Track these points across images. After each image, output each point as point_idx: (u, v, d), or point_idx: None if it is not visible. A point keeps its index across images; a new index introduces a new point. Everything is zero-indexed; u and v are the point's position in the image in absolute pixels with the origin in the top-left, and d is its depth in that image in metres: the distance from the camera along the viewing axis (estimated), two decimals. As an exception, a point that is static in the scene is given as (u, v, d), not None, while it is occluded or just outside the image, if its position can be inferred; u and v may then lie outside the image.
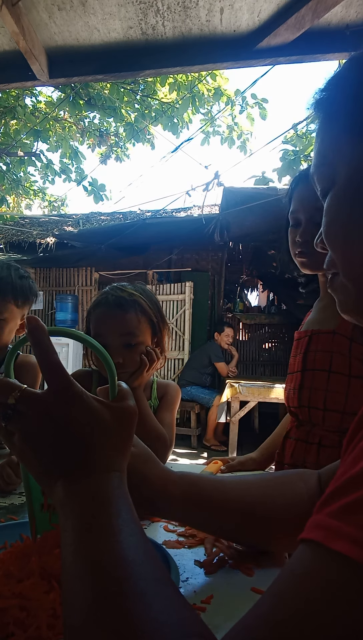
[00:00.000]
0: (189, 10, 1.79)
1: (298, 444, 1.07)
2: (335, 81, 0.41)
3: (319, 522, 0.27)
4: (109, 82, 5.88)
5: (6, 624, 0.43)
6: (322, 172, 0.42)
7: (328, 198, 0.41)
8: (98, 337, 1.06)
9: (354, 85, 0.38)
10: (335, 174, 0.40)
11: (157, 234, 5.62)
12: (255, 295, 7.66)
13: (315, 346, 1.06)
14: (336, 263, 0.41)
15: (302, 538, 0.28)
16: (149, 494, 0.57)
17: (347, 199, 0.39)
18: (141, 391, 1.10)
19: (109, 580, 0.33)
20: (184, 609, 0.32)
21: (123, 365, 1.05)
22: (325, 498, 0.28)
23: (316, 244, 0.44)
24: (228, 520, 0.60)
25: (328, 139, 0.41)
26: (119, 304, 1.07)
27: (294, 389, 1.08)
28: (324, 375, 1.02)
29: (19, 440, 0.42)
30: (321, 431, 1.03)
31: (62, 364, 0.43)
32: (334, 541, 0.25)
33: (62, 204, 11.33)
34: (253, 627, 0.27)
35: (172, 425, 1.17)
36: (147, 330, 1.10)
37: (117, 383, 0.48)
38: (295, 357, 1.13)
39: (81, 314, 6.39)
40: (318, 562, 0.26)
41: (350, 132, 0.38)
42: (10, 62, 2.07)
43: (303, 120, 4.55)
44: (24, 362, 1.29)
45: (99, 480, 0.40)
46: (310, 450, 1.04)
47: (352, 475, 0.27)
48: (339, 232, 0.40)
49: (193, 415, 5.20)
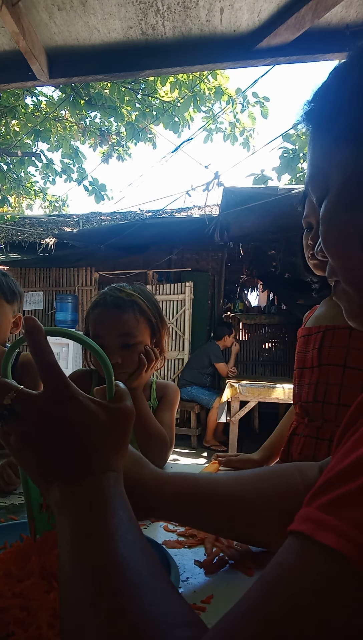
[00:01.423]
0: (189, 10, 1.79)
1: (308, 441, 1.06)
2: (322, 92, 0.41)
3: (308, 515, 0.27)
4: (109, 82, 5.89)
5: (6, 623, 0.43)
6: (316, 182, 0.42)
7: (323, 205, 0.41)
8: (97, 338, 1.06)
9: (340, 94, 0.39)
10: (328, 182, 0.40)
11: (157, 234, 5.62)
12: (255, 295, 7.67)
13: (329, 342, 1.05)
14: (336, 271, 0.41)
15: (291, 530, 0.28)
16: (143, 495, 0.57)
17: (341, 205, 0.39)
18: (141, 391, 1.10)
19: (105, 578, 0.33)
20: (177, 601, 0.33)
21: (122, 365, 1.05)
22: (315, 490, 0.29)
23: (317, 253, 0.44)
24: (222, 516, 0.60)
25: (319, 148, 0.41)
26: (117, 305, 1.07)
27: (310, 384, 1.08)
28: (339, 371, 1.02)
29: (15, 441, 0.42)
30: (333, 427, 1.02)
31: (59, 365, 0.43)
32: (323, 534, 0.25)
33: (63, 204, 11.34)
34: (241, 618, 0.27)
35: (172, 425, 1.17)
36: (146, 330, 1.09)
37: (114, 383, 0.48)
38: (305, 352, 1.12)
39: (80, 314, 6.39)
40: (307, 555, 0.26)
41: (339, 139, 0.39)
42: (10, 62, 2.07)
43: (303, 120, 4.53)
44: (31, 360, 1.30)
45: (96, 481, 0.41)
46: (320, 446, 1.03)
47: (343, 468, 0.27)
48: (336, 239, 0.40)
49: (193, 415, 5.20)
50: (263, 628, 0.25)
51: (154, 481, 0.58)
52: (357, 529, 0.24)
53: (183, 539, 0.71)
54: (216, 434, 5.11)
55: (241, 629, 0.26)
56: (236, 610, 0.28)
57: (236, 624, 0.27)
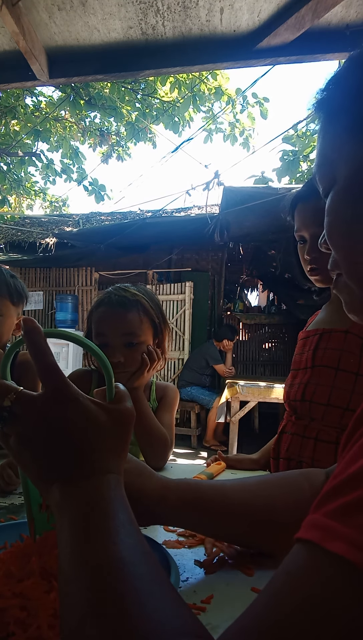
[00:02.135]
0: (189, 10, 1.79)
1: (294, 438, 1.08)
2: (335, 80, 0.40)
3: (316, 522, 0.27)
4: (109, 81, 5.89)
5: (6, 623, 0.43)
6: (324, 172, 0.41)
7: (329, 197, 0.41)
8: (100, 336, 1.06)
9: (354, 84, 0.38)
10: (336, 173, 0.39)
11: (157, 234, 5.62)
12: (255, 295, 7.67)
13: (325, 344, 1.07)
14: (339, 263, 0.41)
15: (298, 538, 0.27)
16: (149, 505, 0.57)
17: (348, 197, 0.39)
18: (142, 392, 1.10)
19: (105, 581, 0.33)
20: (180, 608, 0.32)
21: (124, 364, 1.05)
22: (322, 497, 0.28)
23: (321, 245, 0.44)
24: (230, 524, 0.60)
25: (329, 138, 0.41)
26: (121, 303, 1.07)
27: (300, 383, 1.09)
28: (331, 372, 1.03)
29: (15, 442, 0.42)
30: (319, 426, 1.04)
31: (58, 366, 0.43)
32: (331, 542, 0.24)
33: (63, 204, 11.34)
34: (247, 628, 0.26)
35: (171, 426, 1.18)
36: (148, 330, 1.10)
37: (114, 385, 0.48)
38: (301, 354, 1.14)
39: (81, 314, 6.39)
40: (314, 563, 0.25)
41: (350, 130, 0.38)
42: (10, 62, 2.07)
43: (303, 120, 4.55)
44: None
45: (96, 483, 0.40)
46: (306, 444, 1.04)
47: (350, 475, 0.27)
48: (341, 231, 0.40)
49: (193, 415, 5.20)
50: (269, 638, 0.24)
51: (160, 490, 0.58)
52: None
53: (183, 539, 0.71)
54: (216, 434, 5.11)
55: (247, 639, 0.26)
56: (241, 622, 0.27)
57: (242, 633, 0.27)
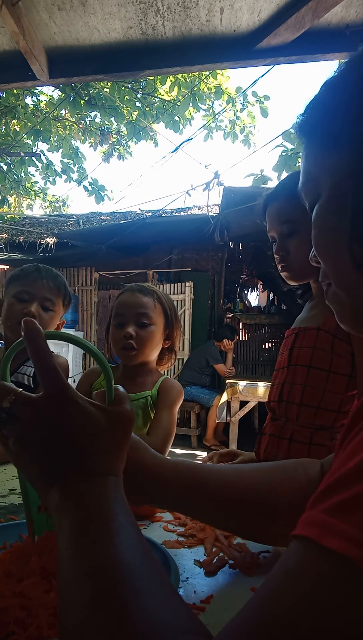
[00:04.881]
0: (189, 10, 1.79)
1: (271, 439, 1.08)
2: (312, 104, 0.44)
3: (313, 519, 0.27)
4: (109, 81, 5.89)
5: (6, 623, 0.43)
6: (308, 188, 0.44)
7: (314, 211, 0.43)
8: (118, 317, 1.19)
9: (328, 105, 0.42)
10: (320, 188, 0.42)
11: (157, 234, 5.62)
12: (255, 295, 7.67)
13: (300, 343, 1.08)
14: (328, 274, 0.43)
15: (295, 534, 0.27)
16: (144, 480, 0.56)
17: (332, 206, 0.41)
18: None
19: (105, 583, 0.32)
20: (180, 608, 0.32)
21: (135, 339, 1.15)
22: (319, 494, 0.28)
23: (311, 259, 0.46)
24: (224, 507, 0.58)
25: (311, 156, 0.44)
26: (140, 290, 1.22)
27: (279, 384, 1.10)
28: (304, 371, 1.04)
29: (14, 444, 0.42)
30: (294, 426, 1.04)
31: (58, 368, 0.43)
32: (328, 538, 0.24)
33: (63, 204, 11.34)
34: (244, 626, 0.27)
35: (169, 426, 1.13)
36: (160, 317, 1.20)
37: (114, 387, 0.48)
38: (282, 354, 1.15)
39: (80, 314, 6.39)
40: (311, 560, 0.25)
41: (327, 146, 0.41)
42: (10, 62, 2.07)
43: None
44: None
45: (95, 484, 0.40)
46: (281, 445, 1.05)
47: (347, 471, 0.27)
48: (327, 242, 0.42)
49: (193, 415, 5.20)
50: (264, 636, 0.24)
51: (157, 467, 0.57)
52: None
53: (183, 539, 0.71)
54: (216, 433, 5.11)
55: (244, 637, 0.26)
56: (238, 620, 0.27)
57: (238, 632, 0.27)
